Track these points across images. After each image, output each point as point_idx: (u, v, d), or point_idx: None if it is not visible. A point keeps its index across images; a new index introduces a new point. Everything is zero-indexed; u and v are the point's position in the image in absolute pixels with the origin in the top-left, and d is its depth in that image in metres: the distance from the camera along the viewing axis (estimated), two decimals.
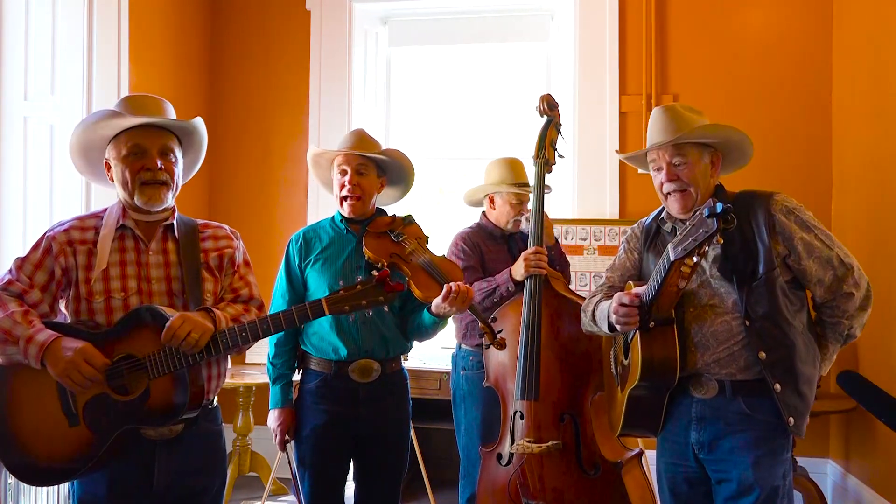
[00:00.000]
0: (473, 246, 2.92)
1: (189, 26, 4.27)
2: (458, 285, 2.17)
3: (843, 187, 3.80)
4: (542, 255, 2.52)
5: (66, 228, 1.94)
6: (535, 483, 2.36)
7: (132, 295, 1.90)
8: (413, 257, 2.30)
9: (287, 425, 2.40)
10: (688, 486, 2.01)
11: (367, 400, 2.36)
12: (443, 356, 4.01)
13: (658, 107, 2.12)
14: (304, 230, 2.50)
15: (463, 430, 2.99)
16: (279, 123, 4.42)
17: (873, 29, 3.47)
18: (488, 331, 2.28)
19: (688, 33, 4.06)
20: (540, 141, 2.59)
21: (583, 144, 4.08)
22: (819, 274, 1.90)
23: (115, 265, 1.91)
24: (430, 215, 4.81)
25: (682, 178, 1.98)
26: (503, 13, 4.39)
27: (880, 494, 3.30)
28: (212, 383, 1.98)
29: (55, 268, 1.89)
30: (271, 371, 2.45)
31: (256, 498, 3.80)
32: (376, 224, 2.40)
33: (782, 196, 1.96)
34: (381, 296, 1.87)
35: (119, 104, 1.96)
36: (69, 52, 3.34)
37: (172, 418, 1.84)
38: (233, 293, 2.04)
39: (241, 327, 1.86)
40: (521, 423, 2.43)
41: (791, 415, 1.87)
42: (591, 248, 3.92)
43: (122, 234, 1.95)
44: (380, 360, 2.37)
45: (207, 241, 2.04)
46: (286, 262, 2.47)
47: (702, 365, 1.92)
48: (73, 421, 1.82)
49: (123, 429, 1.82)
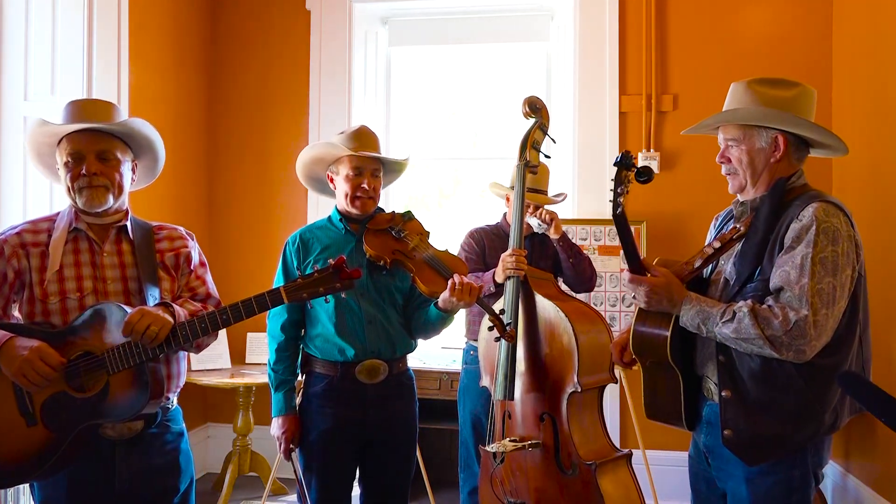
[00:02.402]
0: (478, 241, 3.08)
1: (189, 26, 4.27)
2: (462, 279, 2.17)
3: (843, 187, 3.80)
4: (520, 258, 2.53)
5: (18, 231, 1.95)
6: (516, 482, 2.39)
7: (88, 295, 1.90)
8: (416, 253, 2.28)
9: (292, 433, 2.34)
10: (706, 486, 1.99)
11: (375, 402, 2.33)
12: (443, 356, 4.01)
13: (736, 81, 1.94)
14: (300, 232, 2.46)
15: (462, 424, 3.08)
16: (279, 123, 4.42)
17: (873, 29, 3.47)
18: (497, 323, 2.26)
19: (688, 33, 4.06)
20: (522, 143, 2.59)
21: (583, 144, 4.08)
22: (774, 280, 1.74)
23: (69, 266, 1.91)
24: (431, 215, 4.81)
25: (730, 160, 1.90)
26: (503, 13, 4.38)
27: (880, 495, 3.30)
28: (171, 382, 1.97)
29: (7, 270, 1.89)
30: (273, 377, 2.39)
31: (256, 498, 3.80)
32: (376, 221, 2.38)
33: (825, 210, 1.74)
34: (338, 282, 1.86)
35: (63, 110, 1.97)
36: (69, 52, 3.33)
37: (133, 413, 1.83)
38: (190, 292, 2.05)
39: (201, 318, 1.85)
40: (504, 422, 2.46)
41: (731, 428, 1.77)
42: (591, 249, 3.92)
43: (76, 236, 1.95)
44: (387, 360, 2.35)
45: (163, 242, 2.05)
46: (283, 264, 2.43)
47: (701, 359, 1.90)
48: (30, 421, 1.81)
49: (83, 426, 1.81)
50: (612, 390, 3.92)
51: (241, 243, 4.44)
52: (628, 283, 1.87)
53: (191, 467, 2.09)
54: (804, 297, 1.68)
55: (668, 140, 4.04)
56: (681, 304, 1.81)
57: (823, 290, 1.69)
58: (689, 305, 1.81)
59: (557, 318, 2.39)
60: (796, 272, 1.70)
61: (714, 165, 2.01)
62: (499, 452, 2.41)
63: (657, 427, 2.09)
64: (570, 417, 2.35)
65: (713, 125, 1.95)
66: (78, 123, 1.92)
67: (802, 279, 1.69)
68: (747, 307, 1.72)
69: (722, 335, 1.76)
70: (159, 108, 3.94)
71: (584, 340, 2.35)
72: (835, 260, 1.70)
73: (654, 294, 1.82)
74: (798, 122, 1.84)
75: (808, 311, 1.67)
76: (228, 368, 4.04)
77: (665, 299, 1.83)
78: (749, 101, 1.87)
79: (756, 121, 1.85)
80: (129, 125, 1.97)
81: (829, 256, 1.70)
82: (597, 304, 3.85)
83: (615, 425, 3.99)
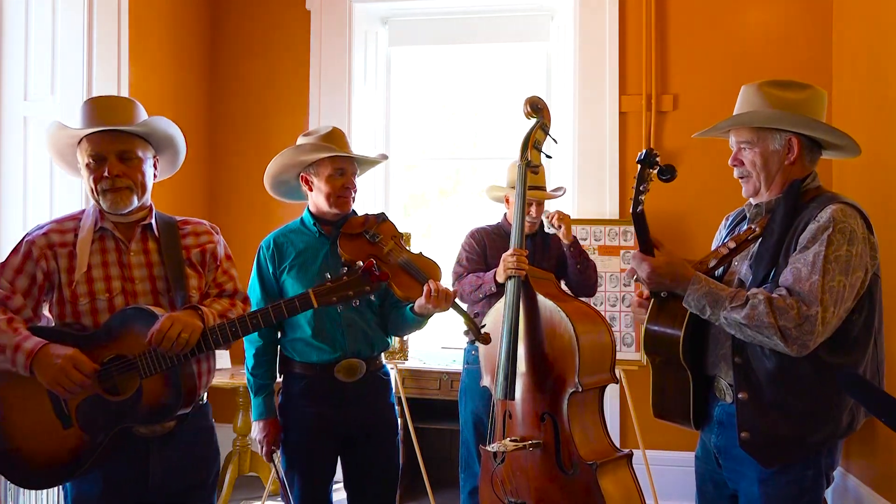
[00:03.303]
0: (479, 241, 3.12)
1: (189, 26, 4.27)
2: (437, 285, 2.19)
3: (844, 187, 3.79)
4: (521, 257, 2.54)
5: (45, 232, 1.93)
6: (517, 482, 2.39)
7: (117, 295, 1.89)
8: (391, 257, 2.28)
9: (273, 436, 2.37)
10: (713, 487, 1.98)
11: (354, 399, 2.36)
12: (443, 356, 4.02)
13: (750, 84, 1.92)
14: (273, 235, 2.46)
15: (463, 423, 3.09)
16: (279, 123, 4.41)
17: (873, 29, 3.47)
18: (472, 327, 2.32)
19: (688, 33, 4.06)
20: (523, 143, 2.59)
21: (583, 144, 4.08)
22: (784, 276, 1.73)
23: (97, 267, 1.90)
24: (431, 215, 4.81)
25: (743, 163, 1.88)
26: (503, 13, 4.38)
27: (880, 494, 3.30)
28: (202, 379, 1.98)
29: (37, 272, 1.88)
30: (252, 382, 2.40)
31: (256, 498, 3.80)
32: (350, 225, 2.37)
33: (843, 211, 1.74)
34: (368, 285, 1.86)
35: (81, 108, 1.94)
36: (69, 52, 3.34)
37: (166, 416, 1.84)
38: (217, 288, 2.04)
39: (231, 323, 1.85)
40: (505, 422, 2.46)
41: (747, 430, 1.76)
42: (591, 249, 3.92)
43: (102, 235, 1.94)
44: (365, 358, 2.37)
45: (188, 238, 2.04)
46: (258, 270, 2.44)
47: (713, 360, 1.88)
48: (66, 423, 1.82)
49: (117, 429, 1.82)
50: (613, 390, 3.92)
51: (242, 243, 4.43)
52: (632, 260, 1.87)
53: (218, 461, 2.12)
54: (814, 294, 1.67)
55: (668, 140, 4.04)
56: (688, 283, 1.79)
57: (834, 288, 1.68)
58: (696, 286, 1.78)
59: (558, 318, 2.40)
60: (807, 269, 1.69)
61: (714, 166, 2.01)
62: (499, 452, 2.42)
63: (657, 427, 2.09)
64: (570, 417, 2.35)
65: (728, 128, 1.92)
66: (97, 126, 1.89)
67: (813, 276, 1.68)
68: (763, 295, 1.70)
69: (730, 320, 1.73)
70: (159, 108, 3.93)
71: (585, 340, 2.35)
72: (848, 260, 1.70)
73: (655, 273, 1.82)
74: (812, 123, 1.83)
75: (819, 307, 1.67)
76: (228, 369, 4.04)
77: (668, 278, 1.81)
78: (761, 103, 1.86)
79: (771, 123, 1.83)
80: (152, 125, 1.95)
81: (844, 256, 1.70)
82: (597, 304, 3.85)
83: (615, 425, 3.99)
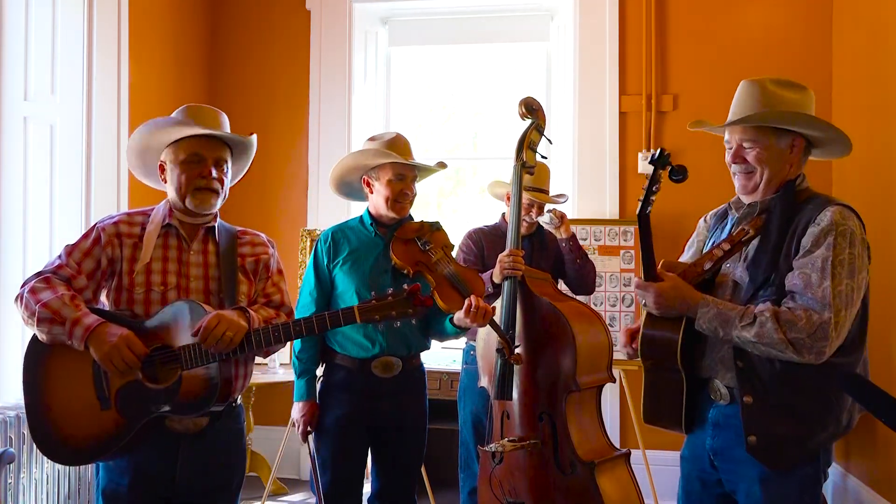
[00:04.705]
0: (476, 242, 3.11)
1: (189, 26, 4.27)
2: (478, 301, 2.25)
3: (843, 187, 3.80)
4: (517, 258, 2.55)
5: (116, 222, 2.03)
6: (515, 482, 2.40)
7: (171, 289, 1.98)
8: (439, 267, 2.37)
9: (310, 417, 2.48)
10: (700, 486, 1.97)
11: (387, 394, 2.46)
12: (443, 356, 4.01)
13: (747, 80, 1.90)
14: (331, 230, 2.58)
15: (462, 423, 3.09)
16: (279, 123, 4.42)
17: (873, 29, 3.47)
18: (506, 345, 2.34)
19: (688, 33, 4.06)
20: (518, 144, 2.61)
21: (583, 144, 4.08)
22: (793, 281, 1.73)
23: (157, 260, 2.00)
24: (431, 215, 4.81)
25: (748, 161, 1.84)
26: (503, 13, 4.39)
27: (880, 495, 3.31)
28: (238, 382, 2.03)
29: (102, 257, 1.98)
30: (297, 365, 2.52)
31: (256, 498, 3.80)
32: (405, 230, 2.47)
33: (842, 213, 1.75)
34: (411, 308, 1.92)
35: (181, 112, 2.08)
36: (69, 52, 3.34)
37: (200, 410, 1.90)
38: (265, 298, 2.12)
39: (275, 327, 1.92)
40: (503, 422, 2.47)
41: (754, 433, 1.75)
42: (591, 249, 3.92)
43: (167, 232, 2.05)
44: (402, 357, 2.48)
45: (245, 247, 2.13)
46: (315, 260, 2.56)
47: (709, 363, 1.88)
48: (105, 405, 1.90)
49: (152, 416, 1.87)
50: (613, 390, 3.92)
51: None
52: (636, 289, 1.86)
53: (244, 464, 2.19)
54: (827, 300, 1.68)
55: (668, 140, 4.04)
56: (696, 307, 1.79)
57: (843, 291, 1.69)
58: (705, 309, 1.78)
59: (556, 318, 2.40)
60: (818, 275, 1.70)
61: (714, 166, 2.01)
62: (497, 452, 2.42)
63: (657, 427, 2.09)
64: (568, 417, 2.35)
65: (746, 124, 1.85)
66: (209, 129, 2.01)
67: (824, 282, 1.69)
68: (769, 311, 1.71)
69: (741, 339, 1.74)
70: (159, 108, 3.93)
71: (583, 340, 2.35)
72: (852, 262, 1.72)
73: (662, 299, 1.82)
74: (823, 125, 1.82)
75: (831, 312, 1.67)
76: None
77: (677, 303, 1.81)
78: (765, 101, 1.83)
79: (788, 124, 1.82)
80: (252, 141, 2.12)
81: (847, 259, 1.71)
82: (596, 305, 3.85)
83: (615, 425, 4.00)
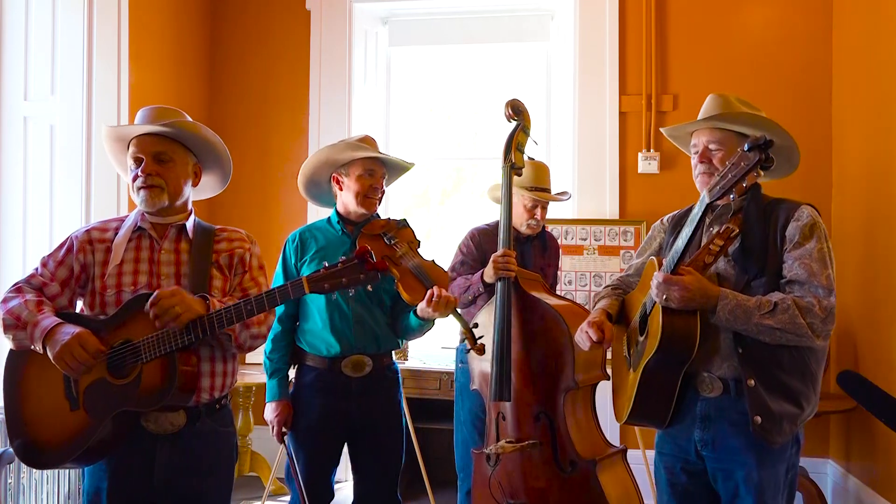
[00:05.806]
0: (477, 243, 3.07)
1: (189, 26, 4.27)
2: (441, 291, 2.27)
3: (843, 187, 3.80)
4: (510, 258, 2.55)
5: (88, 229, 2.06)
6: (514, 483, 2.40)
7: (142, 289, 1.97)
8: (403, 260, 2.39)
9: (284, 417, 2.49)
10: (687, 477, 2.02)
11: (359, 393, 2.47)
12: (443, 356, 4.02)
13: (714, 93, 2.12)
14: (300, 230, 2.61)
15: (461, 423, 3.07)
16: (279, 123, 4.42)
17: (873, 29, 3.47)
18: (469, 336, 2.41)
19: (688, 33, 4.06)
20: (506, 146, 2.61)
21: (583, 144, 4.08)
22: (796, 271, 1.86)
23: (129, 262, 2.01)
24: (431, 215, 4.81)
25: (713, 163, 1.99)
26: (503, 13, 4.38)
27: (880, 495, 3.30)
28: (215, 380, 1.99)
29: (74, 264, 2.00)
30: (268, 365, 2.54)
31: (256, 498, 3.80)
32: (371, 226, 2.50)
33: (813, 211, 1.93)
34: (362, 273, 1.85)
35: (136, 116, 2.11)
36: (69, 52, 3.34)
37: (159, 402, 1.85)
38: (241, 292, 2.07)
39: (227, 308, 1.87)
40: (498, 424, 2.47)
41: (759, 413, 1.84)
42: (591, 249, 3.92)
43: (140, 234, 2.05)
44: (371, 355, 2.48)
45: (222, 243, 2.12)
46: (283, 260, 2.58)
47: (701, 355, 1.91)
48: (73, 405, 1.90)
49: (116, 412, 1.85)
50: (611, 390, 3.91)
51: None
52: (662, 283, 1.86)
53: (232, 471, 2.11)
54: (831, 287, 1.84)
55: (667, 140, 4.01)
56: (716, 299, 1.85)
57: (832, 278, 1.87)
58: (725, 301, 1.84)
59: (551, 317, 2.41)
60: (818, 264, 1.85)
61: None
62: (494, 454, 2.42)
63: None
64: (567, 415, 2.36)
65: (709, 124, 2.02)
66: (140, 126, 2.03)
67: (826, 270, 1.85)
68: (790, 299, 1.82)
69: (761, 327, 1.81)
70: None
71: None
72: (830, 254, 1.89)
73: (689, 293, 1.84)
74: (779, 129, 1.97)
75: (833, 297, 1.84)
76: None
77: (699, 295, 1.85)
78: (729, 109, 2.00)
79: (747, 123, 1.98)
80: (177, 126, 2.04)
81: (827, 251, 1.89)
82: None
83: (615, 425, 3.99)
